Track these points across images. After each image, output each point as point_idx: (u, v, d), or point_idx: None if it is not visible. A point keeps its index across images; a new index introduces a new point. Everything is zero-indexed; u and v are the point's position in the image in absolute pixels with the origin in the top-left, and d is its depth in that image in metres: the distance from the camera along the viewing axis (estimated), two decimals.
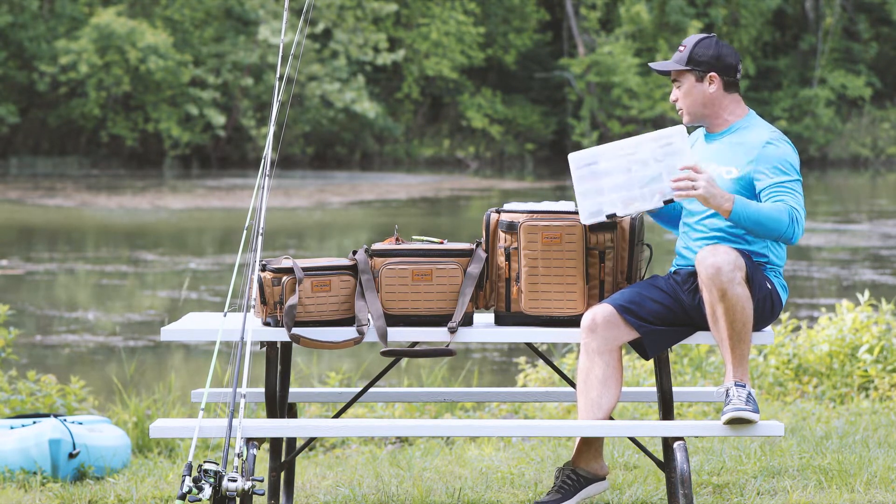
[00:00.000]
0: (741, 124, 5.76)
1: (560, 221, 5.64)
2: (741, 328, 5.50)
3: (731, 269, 5.46)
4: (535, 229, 5.65)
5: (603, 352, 5.59)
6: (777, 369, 9.56)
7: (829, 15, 52.10)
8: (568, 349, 10.41)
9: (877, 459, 6.80)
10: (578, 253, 5.64)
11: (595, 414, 5.59)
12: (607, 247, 5.65)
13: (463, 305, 5.64)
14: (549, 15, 51.34)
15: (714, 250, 5.50)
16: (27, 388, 8.49)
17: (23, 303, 16.04)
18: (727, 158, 5.70)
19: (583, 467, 5.76)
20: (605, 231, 5.64)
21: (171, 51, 43.41)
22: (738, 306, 5.48)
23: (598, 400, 5.60)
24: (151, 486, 6.74)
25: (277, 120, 5.84)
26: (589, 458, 5.76)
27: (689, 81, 5.75)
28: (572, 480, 5.75)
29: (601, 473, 5.77)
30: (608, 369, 5.60)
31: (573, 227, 5.63)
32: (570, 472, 5.76)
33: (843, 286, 17.93)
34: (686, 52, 5.75)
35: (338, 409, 7.71)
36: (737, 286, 5.47)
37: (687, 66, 5.73)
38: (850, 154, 50.22)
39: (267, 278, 5.60)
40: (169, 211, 29.14)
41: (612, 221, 5.63)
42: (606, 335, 5.59)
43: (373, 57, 46.12)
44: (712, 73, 5.73)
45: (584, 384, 5.62)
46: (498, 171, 46.47)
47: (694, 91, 5.75)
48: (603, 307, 5.60)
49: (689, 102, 5.76)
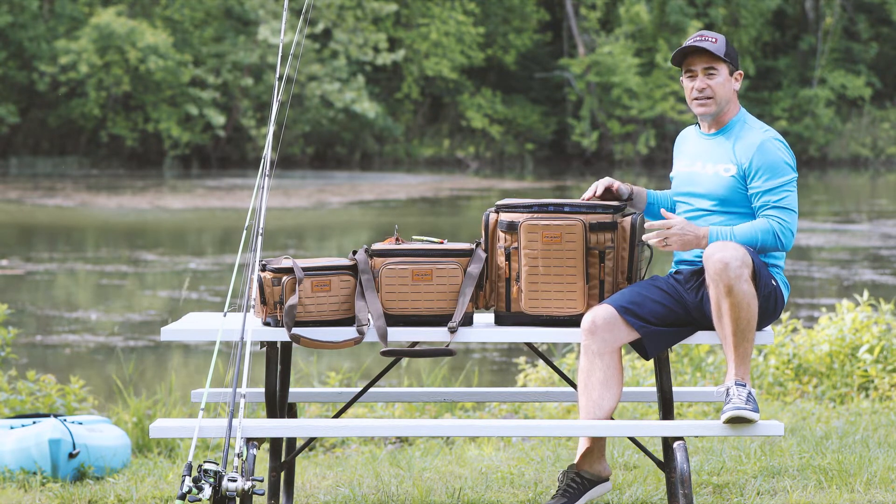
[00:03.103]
0: (736, 123, 5.78)
1: (560, 221, 5.63)
2: (745, 326, 5.51)
3: (739, 266, 5.47)
4: (535, 228, 5.64)
5: (603, 353, 5.59)
6: (777, 369, 9.55)
7: (829, 15, 52.09)
8: (568, 349, 10.41)
9: (877, 459, 6.80)
10: (578, 252, 5.63)
11: (596, 415, 5.59)
12: (607, 247, 5.64)
13: (463, 305, 5.64)
14: (549, 15, 51.33)
15: (723, 246, 5.51)
16: (27, 388, 8.49)
17: (23, 303, 16.04)
18: (724, 156, 5.72)
19: (587, 469, 5.76)
20: (606, 231, 5.64)
21: (171, 51, 43.41)
22: (743, 303, 5.48)
23: (600, 401, 5.59)
24: (151, 486, 6.74)
25: (277, 120, 5.84)
26: (592, 461, 5.76)
27: (725, 73, 5.77)
28: (577, 483, 5.75)
29: (605, 475, 5.77)
30: (609, 371, 5.59)
31: (573, 226, 5.62)
32: (574, 475, 5.76)
33: (843, 286, 17.93)
34: (721, 45, 5.74)
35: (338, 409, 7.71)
36: (744, 283, 5.47)
37: (726, 58, 5.75)
38: (850, 154, 50.21)
39: (267, 278, 5.60)
40: (169, 211, 29.14)
41: (613, 221, 5.63)
42: (606, 336, 5.58)
43: (373, 57, 46.12)
44: (739, 72, 5.79)
45: (584, 386, 5.61)
46: (498, 171, 46.46)
47: (727, 84, 5.77)
48: (603, 308, 5.59)
49: (722, 93, 5.75)
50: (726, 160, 5.71)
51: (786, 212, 5.61)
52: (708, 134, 5.81)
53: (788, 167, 5.65)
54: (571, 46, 50.10)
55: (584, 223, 5.61)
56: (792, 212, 5.63)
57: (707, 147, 5.79)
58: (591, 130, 48.62)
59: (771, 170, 5.64)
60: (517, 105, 49.42)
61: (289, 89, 6.43)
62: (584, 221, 5.62)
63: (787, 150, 5.70)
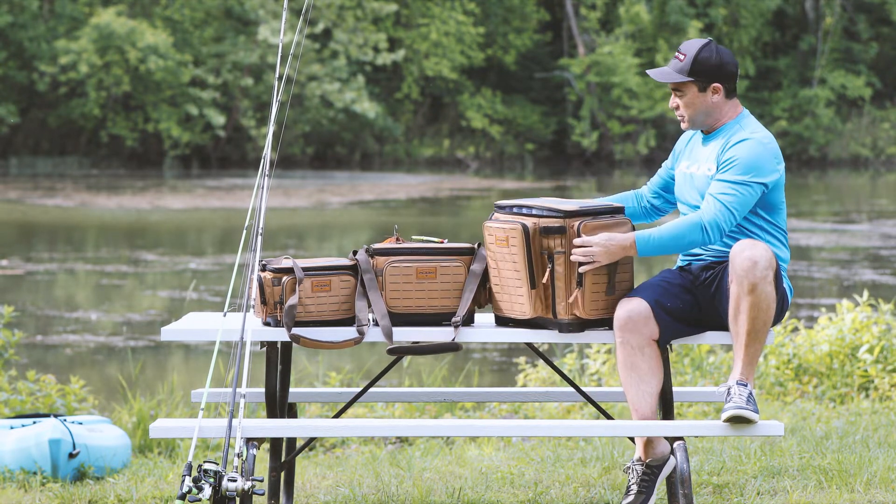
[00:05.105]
0: (731, 125, 5.75)
1: (505, 224, 5.60)
2: (761, 327, 5.51)
3: (766, 267, 5.47)
4: (490, 231, 5.67)
5: (643, 346, 5.60)
6: (777, 369, 9.56)
7: (829, 15, 52.08)
8: (569, 349, 10.41)
9: (877, 459, 6.80)
10: (520, 256, 5.57)
11: (648, 403, 5.59)
12: (556, 251, 5.56)
13: (467, 301, 5.65)
14: (549, 15, 51.32)
15: (753, 244, 5.49)
16: (27, 388, 8.49)
17: (23, 303, 16.04)
18: (711, 157, 5.71)
19: (652, 458, 5.76)
20: (555, 235, 5.55)
21: (171, 51, 43.40)
22: (763, 304, 5.48)
23: (648, 389, 5.60)
24: (151, 486, 6.74)
25: (277, 120, 5.84)
26: (654, 447, 5.76)
27: (692, 92, 5.71)
28: (648, 475, 5.75)
29: (667, 453, 5.76)
30: (652, 361, 5.61)
31: (514, 229, 5.56)
32: (643, 469, 5.76)
33: (843, 286, 17.93)
34: (688, 62, 5.67)
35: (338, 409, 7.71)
36: (768, 284, 5.47)
37: (689, 76, 5.69)
38: (850, 154, 50.20)
39: (267, 278, 5.60)
40: (169, 211, 29.14)
41: (562, 226, 5.54)
42: (644, 330, 5.59)
43: (373, 57, 46.11)
44: (716, 84, 5.70)
45: (630, 377, 5.60)
46: (498, 171, 46.45)
47: (696, 101, 5.71)
48: (637, 302, 5.59)
49: (692, 112, 5.72)
50: (711, 161, 5.71)
51: (720, 207, 5.55)
52: (707, 137, 5.82)
53: (758, 170, 5.58)
54: (571, 46, 50.10)
55: (523, 226, 5.55)
56: (729, 210, 5.55)
57: (700, 150, 5.81)
58: (591, 130, 48.61)
59: (735, 165, 5.59)
60: (517, 105, 49.41)
61: (289, 89, 6.43)
62: (524, 224, 5.55)
63: (768, 155, 5.61)
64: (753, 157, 5.59)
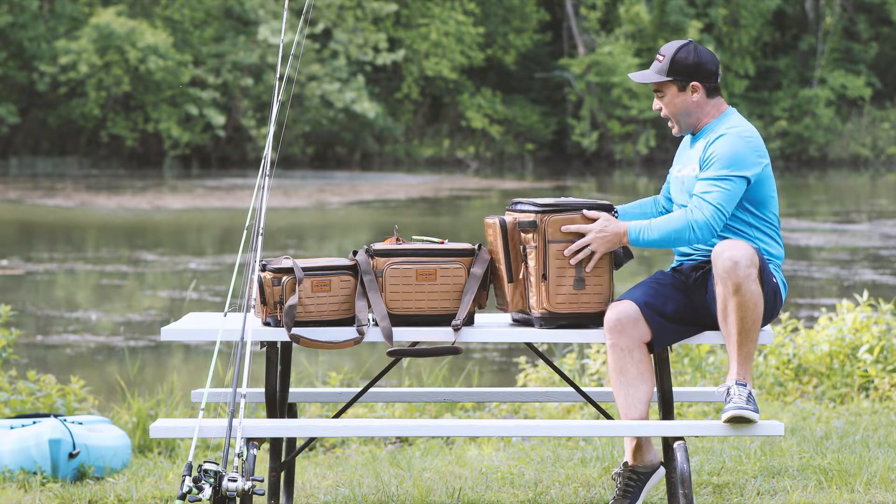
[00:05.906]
0: (713, 124, 5.77)
1: (493, 219, 5.71)
2: (751, 326, 5.51)
3: (748, 265, 5.47)
4: (486, 226, 5.77)
5: (633, 349, 5.60)
6: (777, 369, 9.56)
7: (829, 15, 52.09)
8: (569, 349, 10.41)
9: (877, 459, 6.80)
10: (498, 250, 5.66)
11: (637, 409, 5.60)
12: (529, 245, 5.62)
13: (467, 304, 5.65)
14: (549, 15, 51.34)
15: (733, 244, 5.50)
16: (27, 388, 8.49)
17: (23, 303, 16.04)
18: (695, 158, 5.74)
19: (640, 465, 5.77)
20: (527, 230, 5.62)
21: (171, 51, 43.41)
22: (750, 303, 5.48)
23: (637, 394, 5.61)
24: (151, 486, 6.74)
25: (277, 120, 5.84)
26: (643, 454, 5.77)
27: (672, 91, 5.76)
28: (634, 481, 5.76)
29: (656, 462, 5.77)
30: (641, 364, 5.61)
31: (492, 224, 5.70)
32: (629, 474, 5.77)
33: (843, 286, 17.93)
34: (666, 62, 5.73)
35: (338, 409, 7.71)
36: (752, 283, 5.47)
37: (668, 76, 5.73)
38: (850, 154, 50.21)
39: (267, 278, 5.60)
40: (169, 211, 29.14)
41: (533, 221, 5.60)
42: (633, 333, 5.59)
43: (373, 57, 46.12)
44: (694, 83, 5.74)
45: (619, 382, 5.61)
46: (498, 171, 46.46)
47: (676, 101, 5.76)
48: (626, 304, 5.60)
49: (674, 112, 5.78)
50: (695, 161, 5.74)
51: (707, 206, 5.56)
52: (691, 138, 5.86)
53: (738, 163, 5.59)
54: (571, 46, 50.11)
55: (501, 221, 5.66)
56: (715, 208, 5.56)
57: (688, 152, 5.84)
58: (591, 130, 48.63)
59: (717, 161, 5.61)
60: (517, 105, 49.42)
61: (289, 89, 6.43)
62: (502, 220, 5.66)
63: (748, 148, 5.62)
64: (733, 151, 5.61)
